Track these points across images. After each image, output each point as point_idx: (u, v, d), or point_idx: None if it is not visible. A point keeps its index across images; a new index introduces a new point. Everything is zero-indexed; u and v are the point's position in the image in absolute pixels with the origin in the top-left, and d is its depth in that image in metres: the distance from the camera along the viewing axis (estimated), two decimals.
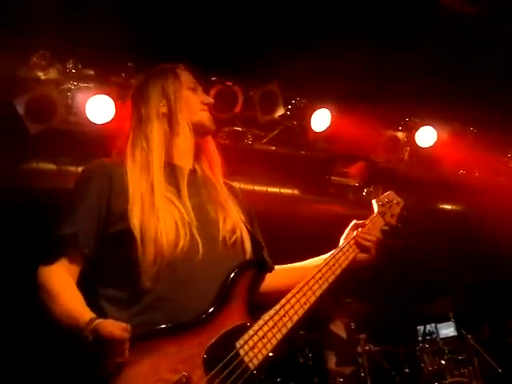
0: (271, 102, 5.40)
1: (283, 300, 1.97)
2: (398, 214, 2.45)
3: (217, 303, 1.88)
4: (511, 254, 6.41)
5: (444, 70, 5.29)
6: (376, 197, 2.48)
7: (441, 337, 6.19)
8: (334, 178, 6.51)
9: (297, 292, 2.00)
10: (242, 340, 1.84)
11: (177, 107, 2.19)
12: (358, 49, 4.73)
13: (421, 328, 6.35)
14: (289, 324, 1.94)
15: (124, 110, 4.43)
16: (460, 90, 5.44)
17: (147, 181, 2.02)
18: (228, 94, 5.16)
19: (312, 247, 2.34)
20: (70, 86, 4.72)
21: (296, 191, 6.41)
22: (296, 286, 2.01)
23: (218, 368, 1.77)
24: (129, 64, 4.81)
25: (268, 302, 2.00)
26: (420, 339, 6.19)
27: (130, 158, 2.09)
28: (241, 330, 1.87)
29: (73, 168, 5.02)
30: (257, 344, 1.85)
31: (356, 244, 2.23)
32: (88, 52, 4.72)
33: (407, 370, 5.76)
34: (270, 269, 2.21)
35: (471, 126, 6.37)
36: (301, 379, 5.48)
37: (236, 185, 2.42)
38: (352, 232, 2.28)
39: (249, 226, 2.17)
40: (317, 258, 2.25)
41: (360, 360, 5.56)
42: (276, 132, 5.80)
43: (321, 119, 5.65)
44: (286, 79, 5.34)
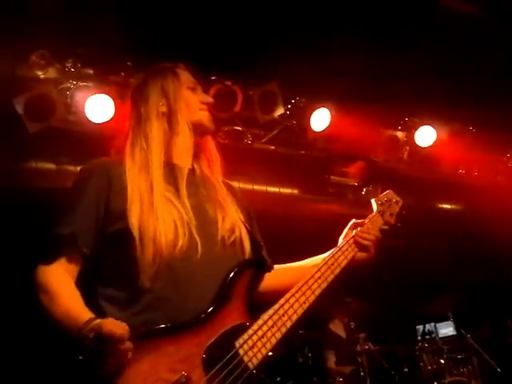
0: (271, 102, 5.39)
1: (282, 299, 1.97)
2: (397, 213, 2.46)
3: (216, 303, 1.88)
4: (510, 254, 6.41)
5: (444, 70, 5.28)
6: (375, 196, 2.49)
7: (440, 336, 6.20)
8: (334, 178, 6.52)
9: (296, 291, 2.00)
10: (242, 339, 1.84)
11: (176, 106, 2.19)
12: (358, 49, 4.72)
13: (420, 327, 6.36)
14: (288, 323, 1.94)
15: (123, 110, 4.40)
16: (460, 90, 5.44)
17: (146, 180, 2.01)
18: (227, 94, 5.16)
19: (311, 247, 2.34)
20: (70, 85, 4.70)
21: (295, 191, 6.41)
22: (295, 286, 2.02)
23: (218, 367, 1.77)
24: (128, 63, 4.80)
25: (267, 302, 2.00)
26: (419, 338, 6.20)
27: (129, 157, 2.09)
28: (240, 330, 1.86)
29: (72, 167, 5.00)
30: (256, 343, 1.85)
31: (355, 243, 2.24)
32: (87, 51, 4.71)
33: (406, 370, 5.78)
34: (269, 268, 2.21)
35: (471, 126, 6.37)
36: (300, 378, 5.49)
37: (235, 184, 2.42)
38: (351, 231, 2.28)
39: (248, 226, 2.17)
40: (316, 258, 2.25)
41: (359, 359, 5.58)
42: (275, 131, 5.80)
43: (320, 119, 5.65)
44: (286, 79, 5.33)
